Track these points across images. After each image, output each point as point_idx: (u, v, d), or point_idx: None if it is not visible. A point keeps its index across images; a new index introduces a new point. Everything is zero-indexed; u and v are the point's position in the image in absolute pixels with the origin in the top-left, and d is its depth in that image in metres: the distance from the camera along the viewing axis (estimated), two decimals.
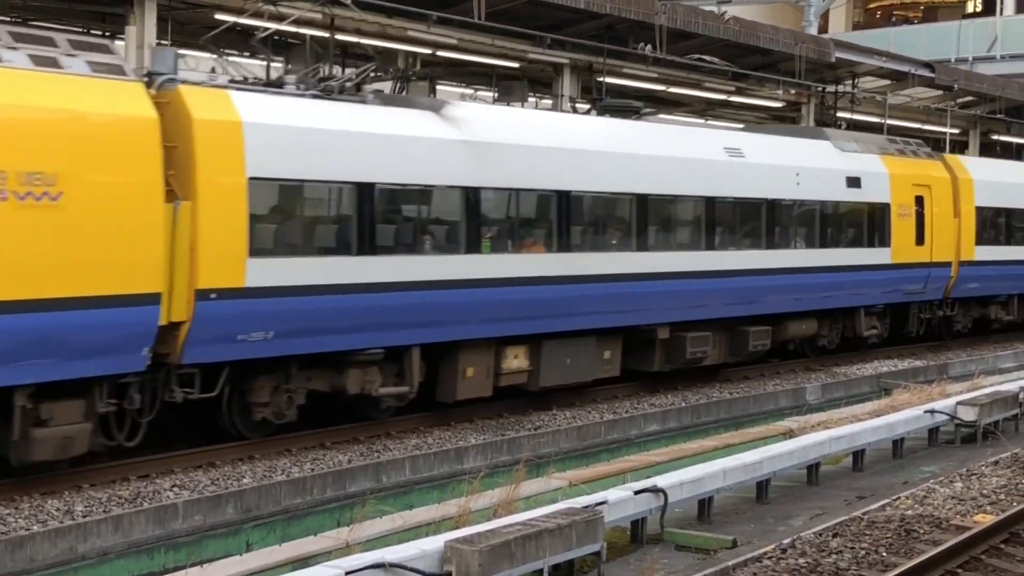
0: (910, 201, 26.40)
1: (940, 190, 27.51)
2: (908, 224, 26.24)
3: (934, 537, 12.10)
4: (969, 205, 28.69)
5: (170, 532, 12.48)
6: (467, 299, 16.73)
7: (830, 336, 25.36)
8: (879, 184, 25.53)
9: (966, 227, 28.46)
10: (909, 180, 26.43)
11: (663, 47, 24.47)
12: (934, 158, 28.06)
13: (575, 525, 10.77)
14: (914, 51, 36.72)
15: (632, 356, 20.39)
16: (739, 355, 22.48)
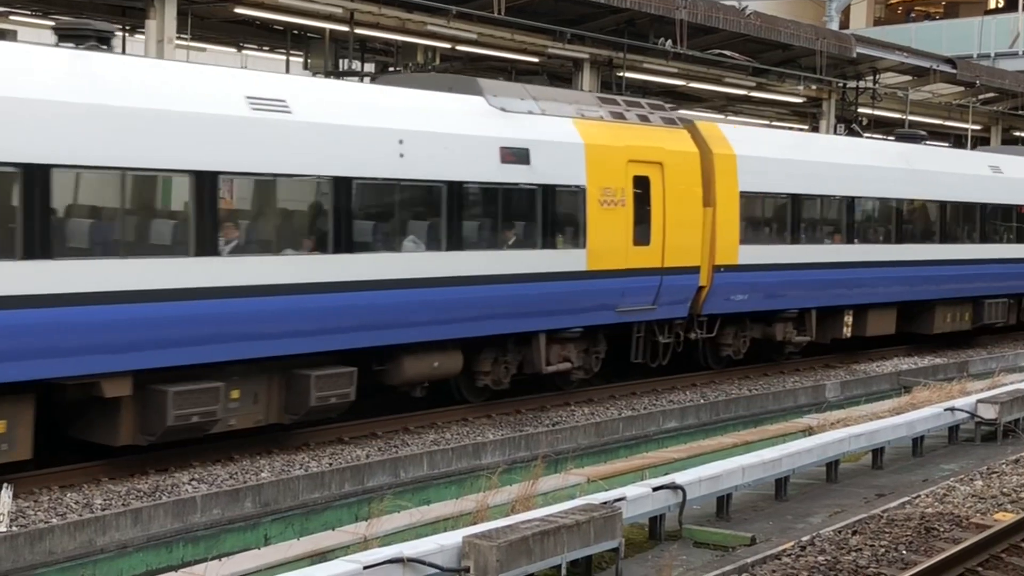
0: (624, 184, 19.19)
1: (679, 169, 20.24)
2: (619, 216, 19.07)
3: (954, 535, 12.04)
4: (730, 190, 21.55)
5: (188, 526, 12.48)
6: None
7: (495, 373, 17.90)
8: (565, 159, 18.26)
9: (725, 220, 21.38)
10: (623, 154, 19.21)
11: (683, 42, 24.43)
12: (676, 125, 20.91)
13: (593, 521, 10.74)
14: (936, 47, 36.56)
15: None
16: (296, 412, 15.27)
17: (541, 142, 17.93)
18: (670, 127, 20.65)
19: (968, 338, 28.97)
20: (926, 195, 26.46)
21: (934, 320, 26.85)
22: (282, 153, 14.56)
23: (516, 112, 17.95)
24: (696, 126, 21.58)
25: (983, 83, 34.79)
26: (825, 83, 30.27)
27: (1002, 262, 28.40)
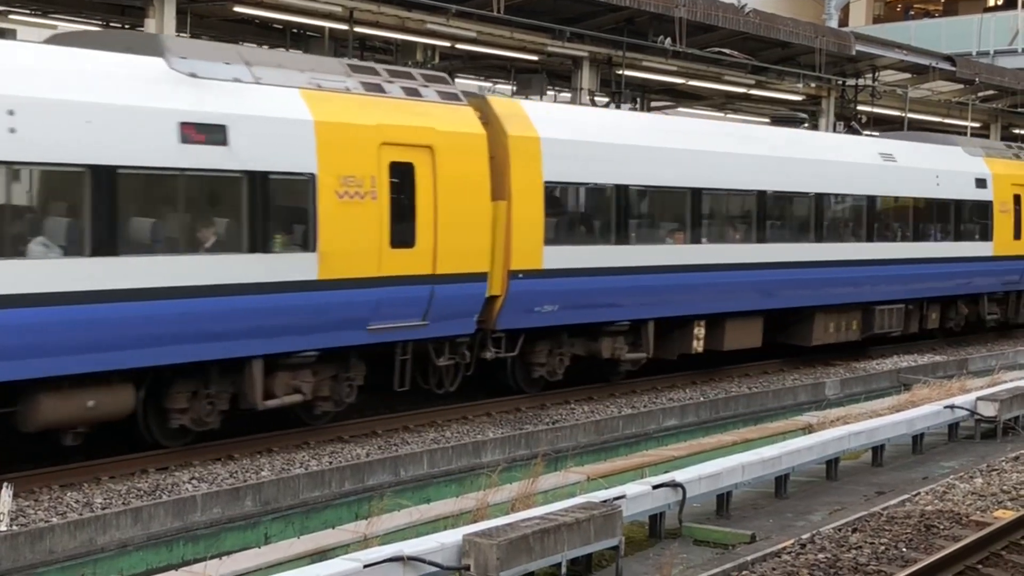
0: (376, 172, 15.50)
1: (458, 154, 16.58)
2: (367, 212, 15.44)
3: (954, 533, 12.05)
4: (531, 180, 17.75)
5: (189, 524, 12.49)
6: None
7: (195, 410, 14.48)
8: (284, 139, 14.75)
9: (524, 217, 17.63)
10: (374, 135, 15.54)
11: (683, 40, 24.42)
12: (458, 100, 17.14)
13: (593, 519, 10.75)
14: (935, 44, 36.56)
15: None
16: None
17: (246, 117, 14.27)
18: (449, 103, 16.83)
19: (861, 349, 26.28)
20: (797, 186, 22.95)
21: (813, 330, 23.66)
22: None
23: (212, 79, 14.21)
24: (488, 102, 17.77)
25: (982, 80, 34.79)
26: (824, 81, 30.27)
27: (897, 263, 25.40)
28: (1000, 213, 28.58)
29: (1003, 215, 28.67)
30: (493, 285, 17.26)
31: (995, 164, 28.99)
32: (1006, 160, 29.69)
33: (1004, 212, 28.72)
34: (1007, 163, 29.58)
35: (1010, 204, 28.91)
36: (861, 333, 24.92)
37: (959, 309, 28.20)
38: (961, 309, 28.28)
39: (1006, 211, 28.79)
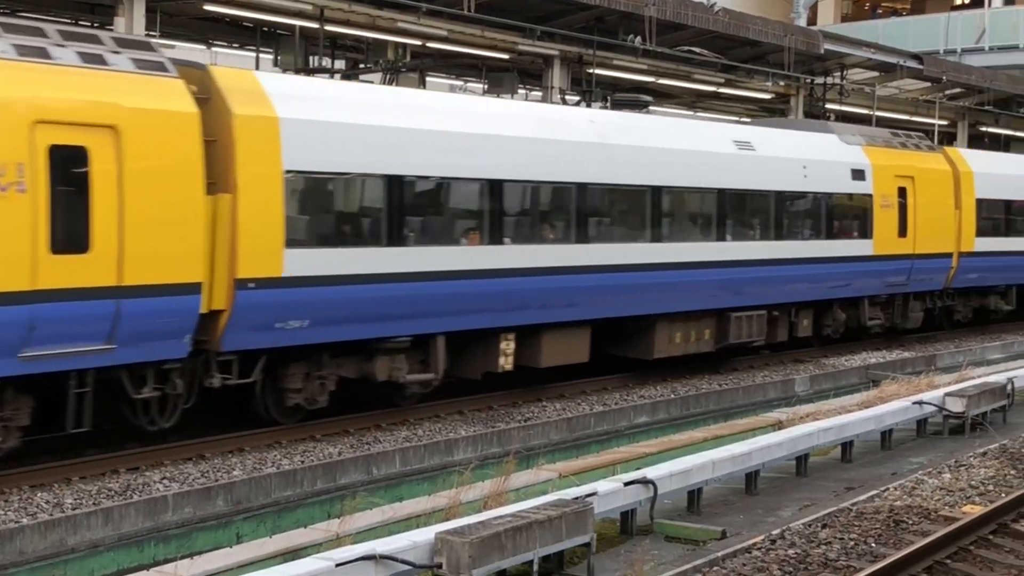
0: (17, 158, 12.32)
1: (150, 138, 13.38)
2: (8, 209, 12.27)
3: (923, 528, 12.15)
4: (265, 169, 14.67)
5: (160, 524, 12.48)
6: None
7: None
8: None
9: (254, 214, 14.48)
10: (19, 114, 12.41)
11: (653, 39, 24.51)
12: (163, 72, 13.87)
13: (565, 517, 10.79)
14: (902, 43, 36.77)
15: None
16: None
17: None
18: (148, 73, 13.68)
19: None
20: (627, 178, 19.85)
21: (654, 341, 20.56)
22: None
23: None
24: (210, 73, 14.74)
25: (949, 79, 35.03)
26: (793, 79, 30.42)
27: (756, 264, 22.44)
28: (882, 208, 25.74)
29: (885, 210, 25.85)
30: (213, 298, 14.17)
31: (876, 154, 25.96)
32: (890, 150, 26.68)
33: (886, 207, 25.91)
34: (891, 153, 26.57)
35: (893, 198, 26.12)
36: (716, 343, 21.91)
37: (836, 314, 25.19)
38: (838, 314, 25.25)
39: (888, 206, 25.97)
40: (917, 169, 27.01)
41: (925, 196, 26.97)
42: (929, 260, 27.21)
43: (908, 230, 26.46)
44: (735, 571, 10.66)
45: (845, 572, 10.60)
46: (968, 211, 28.60)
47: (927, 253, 27.09)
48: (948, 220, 27.98)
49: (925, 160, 27.66)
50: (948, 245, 27.94)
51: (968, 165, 29.08)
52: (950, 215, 28.05)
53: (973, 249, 28.71)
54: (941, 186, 27.78)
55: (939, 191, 27.66)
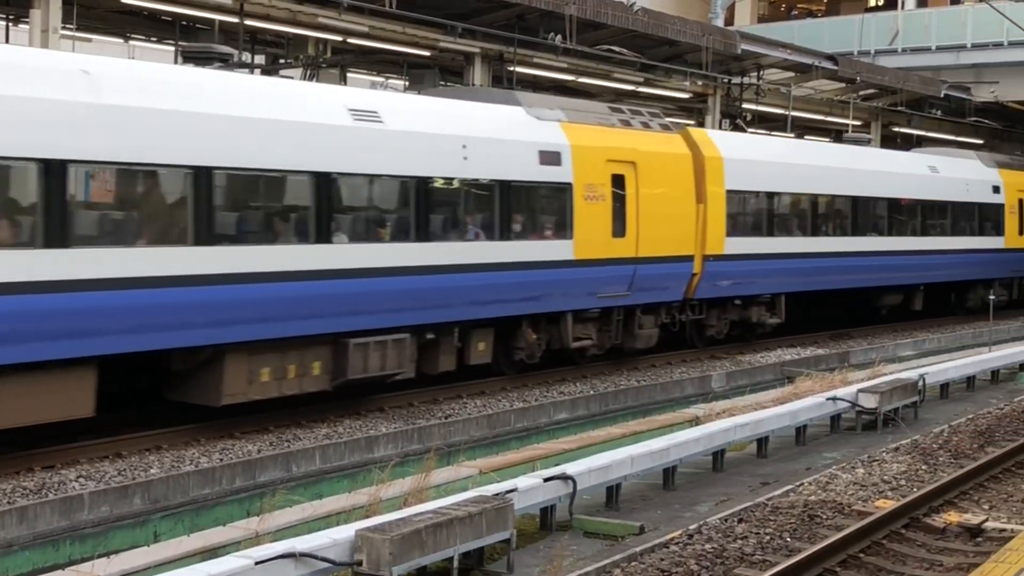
0: None
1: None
2: None
3: (837, 522, 12.35)
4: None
5: (76, 523, 12.34)
6: None
7: None
8: None
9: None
10: None
11: (573, 37, 24.64)
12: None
13: (485, 513, 10.84)
14: (818, 44, 37.26)
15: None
16: None
17: None
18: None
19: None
20: None
21: (223, 381, 15.21)
22: None
23: None
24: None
25: (863, 79, 35.57)
26: (711, 79, 30.71)
27: (388, 273, 16.97)
28: (586, 200, 20.45)
29: (591, 202, 20.56)
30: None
31: (579, 132, 20.72)
32: (602, 128, 21.49)
33: (593, 199, 20.61)
34: (603, 132, 21.40)
35: (604, 188, 20.89)
36: (332, 379, 16.65)
37: (527, 335, 20.10)
38: (528, 335, 20.12)
39: (596, 197, 20.69)
40: (641, 152, 21.85)
41: (653, 187, 21.99)
42: (659, 265, 22.26)
43: (628, 229, 21.47)
44: (653, 566, 10.77)
45: (761, 566, 10.76)
46: (716, 205, 24.02)
47: (655, 257, 22.10)
48: (688, 216, 23.17)
49: (655, 142, 22.49)
50: (688, 247, 23.19)
51: (717, 149, 24.42)
52: (690, 210, 23.27)
53: (722, 252, 24.15)
54: (677, 174, 22.97)
55: (674, 180, 22.88)
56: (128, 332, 13.99)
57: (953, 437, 17.20)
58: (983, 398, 22.44)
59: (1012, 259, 35.76)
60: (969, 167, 34.50)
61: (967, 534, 12.10)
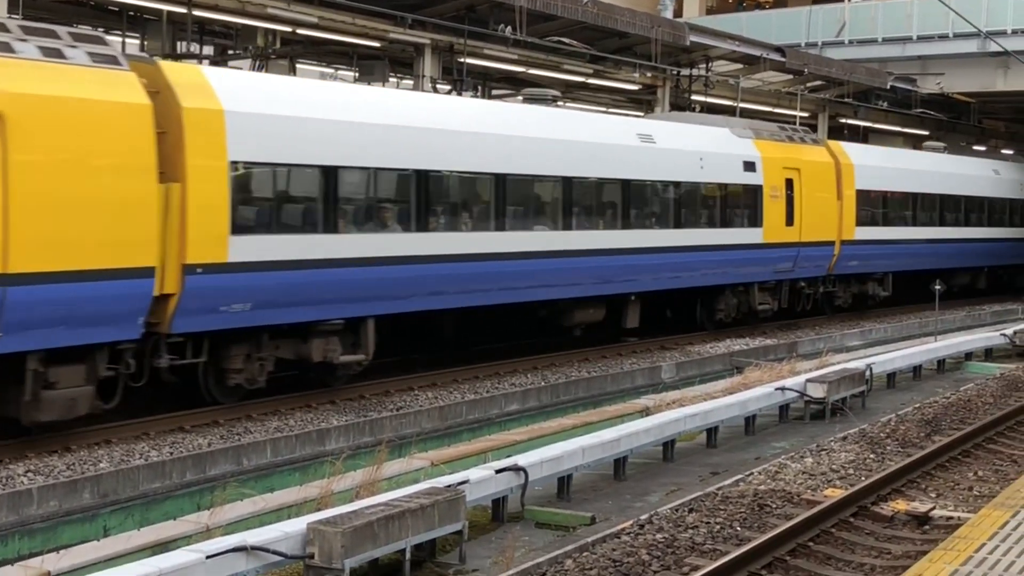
0: None
1: None
2: None
3: (786, 511, 12.47)
4: None
5: (24, 518, 12.24)
6: None
7: None
8: None
9: None
10: None
11: (523, 29, 24.65)
12: None
13: (437, 505, 10.86)
14: (765, 35, 37.49)
15: None
16: None
17: None
18: None
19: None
20: None
21: None
22: None
23: None
24: None
25: (811, 71, 35.82)
26: (660, 71, 30.83)
27: None
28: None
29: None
30: None
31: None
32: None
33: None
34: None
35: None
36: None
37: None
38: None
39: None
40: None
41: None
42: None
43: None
44: (605, 556, 10.83)
45: (712, 556, 10.84)
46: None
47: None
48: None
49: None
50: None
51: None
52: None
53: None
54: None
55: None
56: None
57: (900, 426, 17.39)
58: (929, 387, 22.72)
59: None
60: None
61: (915, 522, 12.26)
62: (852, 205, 30.43)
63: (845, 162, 30.38)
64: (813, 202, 28.54)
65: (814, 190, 28.64)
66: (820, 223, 28.89)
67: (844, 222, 29.97)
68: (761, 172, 26.82)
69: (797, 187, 27.98)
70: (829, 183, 29.58)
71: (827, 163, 29.62)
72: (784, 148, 28.07)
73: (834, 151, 30.38)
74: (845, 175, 30.17)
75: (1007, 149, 49.90)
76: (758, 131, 27.78)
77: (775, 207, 27.19)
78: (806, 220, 28.28)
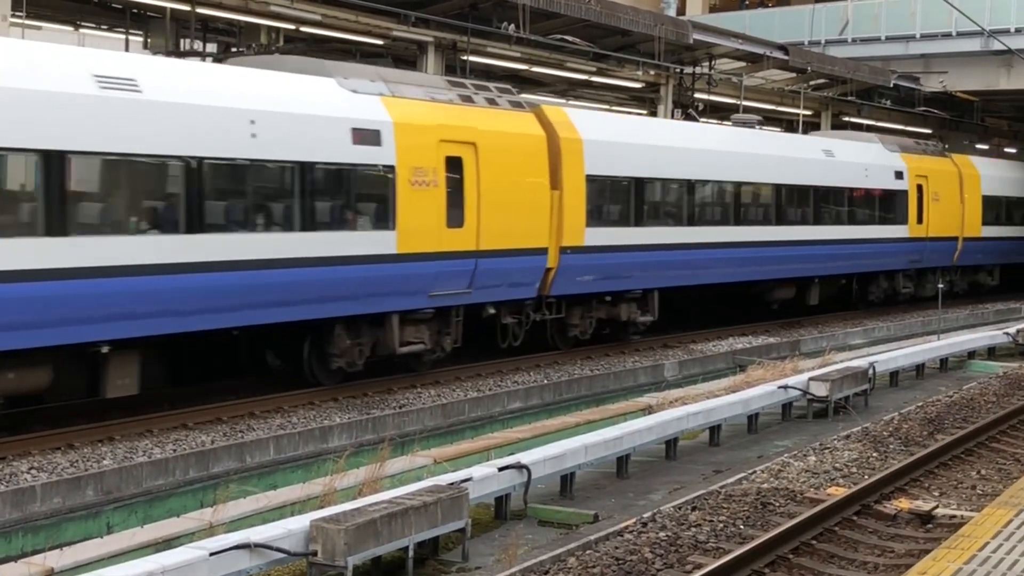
0: None
1: None
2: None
3: (789, 510, 12.46)
4: None
5: (28, 515, 12.26)
6: None
7: None
8: None
9: None
10: None
11: (526, 27, 24.63)
12: None
13: (440, 502, 10.86)
14: (769, 34, 37.43)
15: None
16: None
17: None
18: None
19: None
20: None
21: None
22: None
23: None
24: None
25: (814, 69, 35.77)
26: (663, 69, 30.81)
27: None
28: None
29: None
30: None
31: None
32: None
33: None
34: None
35: None
36: None
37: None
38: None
39: None
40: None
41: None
42: None
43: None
44: (608, 554, 10.83)
45: (715, 554, 10.84)
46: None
47: None
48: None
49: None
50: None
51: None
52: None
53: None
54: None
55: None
56: None
57: (903, 424, 17.38)
58: (932, 386, 22.70)
59: None
60: None
61: (918, 521, 12.25)
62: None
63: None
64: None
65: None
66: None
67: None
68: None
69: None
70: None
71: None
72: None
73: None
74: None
75: (1010, 147, 49.88)
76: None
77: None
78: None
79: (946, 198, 34.96)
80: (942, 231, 34.79)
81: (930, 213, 33.94)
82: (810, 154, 29.57)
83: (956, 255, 35.78)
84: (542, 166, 20.98)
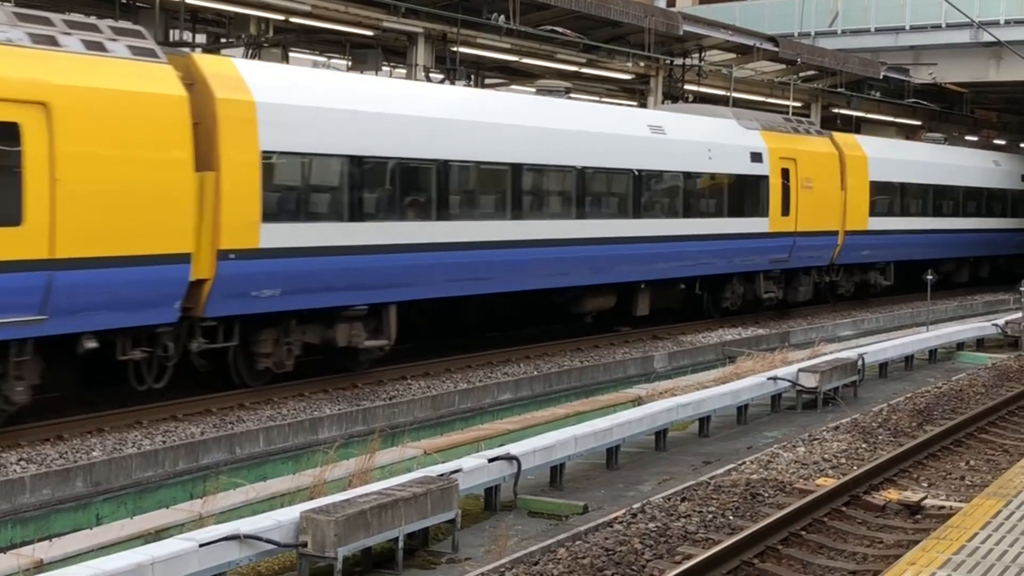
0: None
1: None
2: None
3: (778, 500, 12.49)
4: None
5: (17, 507, 12.24)
6: None
7: None
8: None
9: None
10: None
11: (516, 18, 24.60)
12: None
13: (430, 494, 10.88)
14: (758, 25, 37.44)
15: None
16: None
17: None
18: None
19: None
20: None
21: None
22: None
23: None
24: None
25: (804, 61, 35.78)
26: (653, 60, 30.79)
27: None
28: None
29: None
30: None
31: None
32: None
33: None
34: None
35: None
36: None
37: None
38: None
39: None
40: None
41: None
42: None
43: None
44: (597, 545, 10.85)
45: (704, 544, 10.86)
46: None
47: None
48: None
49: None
50: None
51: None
52: None
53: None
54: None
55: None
56: None
57: (892, 416, 17.42)
58: (921, 377, 22.77)
59: None
60: None
61: (907, 511, 12.28)
62: None
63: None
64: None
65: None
66: None
67: None
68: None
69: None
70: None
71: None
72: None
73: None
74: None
75: (999, 139, 49.95)
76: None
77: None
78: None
79: (822, 185, 29.85)
80: (816, 225, 29.57)
81: (800, 203, 28.77)
82: (630, 130, 23.78)
83: (836, 252, 30.72)
84: (182, 138, 15.01)
